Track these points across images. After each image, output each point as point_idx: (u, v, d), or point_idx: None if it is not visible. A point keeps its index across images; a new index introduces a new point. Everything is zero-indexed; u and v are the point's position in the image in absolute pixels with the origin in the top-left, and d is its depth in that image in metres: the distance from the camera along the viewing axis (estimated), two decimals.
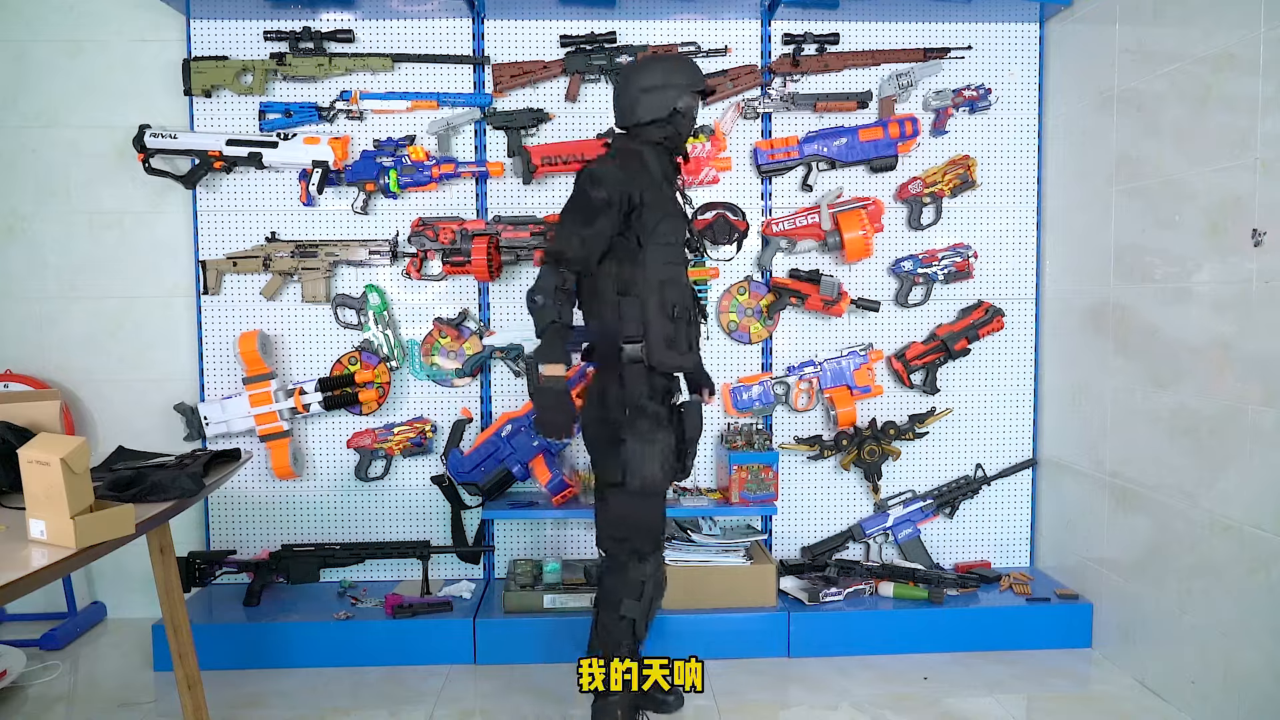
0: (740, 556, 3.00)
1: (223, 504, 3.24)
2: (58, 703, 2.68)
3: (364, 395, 3.11)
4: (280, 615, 2.95)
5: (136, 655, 2.97)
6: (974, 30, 3.26)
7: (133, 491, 1.90)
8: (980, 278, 3.30)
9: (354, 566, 3.17)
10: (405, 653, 2.88)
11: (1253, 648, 2.30)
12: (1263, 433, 2.26)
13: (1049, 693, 2.72)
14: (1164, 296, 2.62)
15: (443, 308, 3.23)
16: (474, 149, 3.21)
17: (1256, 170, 2.26)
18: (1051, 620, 3.00)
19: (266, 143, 3.09)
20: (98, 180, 3.19)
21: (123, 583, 3.30)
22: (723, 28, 3.22)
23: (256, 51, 3.15)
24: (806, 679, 2.80)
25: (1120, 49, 2.82)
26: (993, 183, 3.30)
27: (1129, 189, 2.78)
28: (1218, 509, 2.41)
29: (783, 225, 3.20)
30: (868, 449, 3.23)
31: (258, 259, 3.13)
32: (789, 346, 3.30)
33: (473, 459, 3.12)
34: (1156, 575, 2.67)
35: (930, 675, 2.81)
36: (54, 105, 3.17)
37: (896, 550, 3.32)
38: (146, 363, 3.24)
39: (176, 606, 2.20)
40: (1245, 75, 2.29)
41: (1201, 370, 2.47)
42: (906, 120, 3.16)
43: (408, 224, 3.19)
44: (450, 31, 3.18)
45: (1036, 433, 3.36)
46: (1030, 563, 3.40)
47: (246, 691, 2.70)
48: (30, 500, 1.66)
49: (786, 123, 3.25)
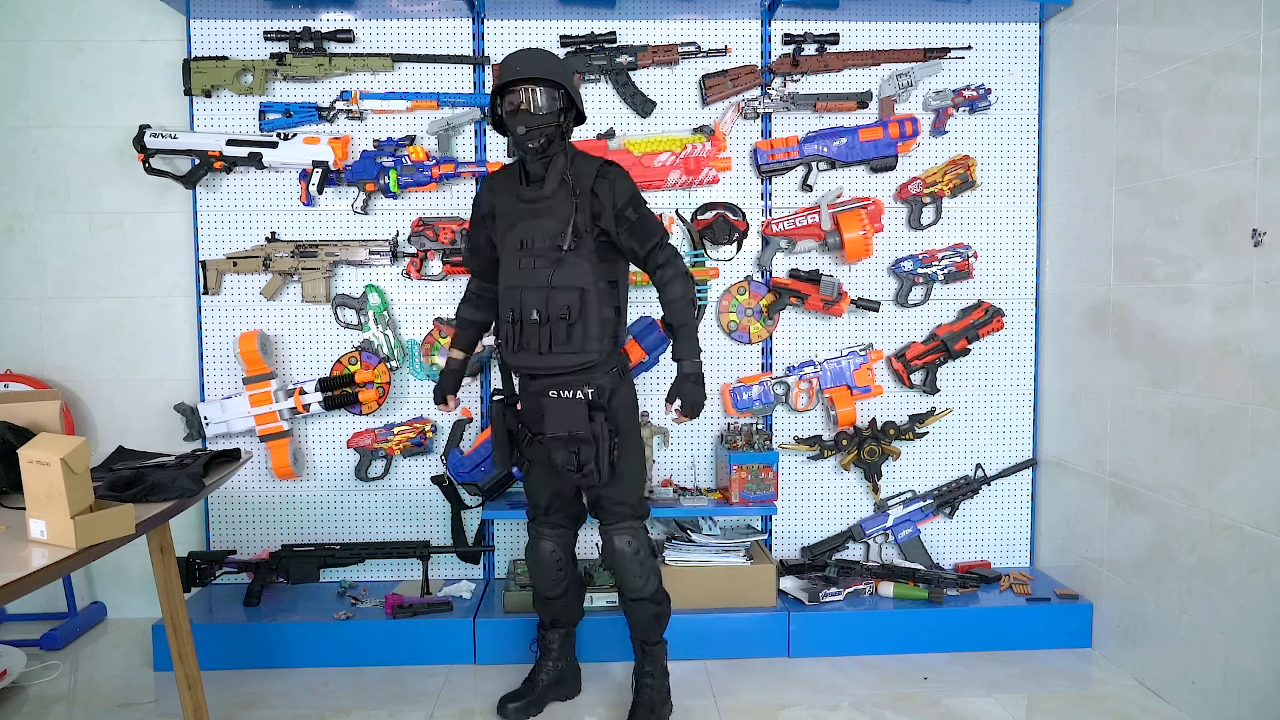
0: (740, 556, 3.00)
1: (223, 504, 3.24)
2: (58, 703, 2.68)
3: (364, 395, 3.11)
4: (280, 615, 2.95)
5: (136, 655, 2.97)
6: (974, 30, 3.26)
7: (133, 491, 1.90)
8: (980, 278, 3.30)
9: (354, 566, 3.17)
10: (405, 653, 2.88)
11: (1253, 648, 2.30)
12: (1263, 433, 2.26)
13: (1049, 693, 2.72)
14: (1164, 296, 2.62)
15: (443, 308, 3.23)
16: (474, 149, 3.21)
17: (1256, 170, 2.26)
18: (1051, 620, 3.00)
19: (266, 143, 3.09)
20: (98, 180, 3.19)
21: (123, 583, 3.30)
22: (723, 28, 3.22)
23: (256, 51, 3.15)
24: (806, 679, 2.80)
25: (1120, 49, 2.82)
26: (993, 183, 3.30)
27: (1129, 189, 2.78)
28: (1218, 509, 2.41)
29: (783, 225, 3.20)
30: (868, 449, 3.23)
31: (258, 259, 3.13)
32: (789, 346, 3.30)
33: (473, 459, 3.12)
34: (1156, 575, 2.67)
35: (930, 675, 2.81)
36: (54, 105, 3.17)
37: (896, 550, 3.32)
38: (146, 363, 3.25)
39: (176, 606, 2.20)
40: (1245, 75, 2.29)
41: (1201, 370, 2.47)
42: (906, 120, 3.16)
43: (408, 224, 3.19)
44: (450, 31, 3.19)
45: (1036, 433, 3.36)
46: (1030, 563, 3.40)
47: (246, 691, 2.70)
48: (30, 500, 1.66)
49: (786, 123, 3.25)
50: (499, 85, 2.32)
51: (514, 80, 2.30)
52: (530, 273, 2.33)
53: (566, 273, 2.31)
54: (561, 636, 2.65)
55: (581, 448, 2.35)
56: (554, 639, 2.64)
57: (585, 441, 2.34)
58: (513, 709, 2.52)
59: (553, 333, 2.32)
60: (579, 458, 2.35)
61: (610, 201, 2.35)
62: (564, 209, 2.33)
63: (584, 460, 2.35)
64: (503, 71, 2.32)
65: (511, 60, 2.33)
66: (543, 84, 2.31)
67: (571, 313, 2.31)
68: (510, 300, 2.37)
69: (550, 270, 2.32)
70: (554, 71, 2.32)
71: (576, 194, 2.33)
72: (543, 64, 2.32)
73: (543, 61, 2.33)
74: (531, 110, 2.30)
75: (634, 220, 2.36)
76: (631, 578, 2.45)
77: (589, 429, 2.34)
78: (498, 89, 2.34)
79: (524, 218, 2.36)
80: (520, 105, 2.30)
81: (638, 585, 2.46)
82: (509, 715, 2.52)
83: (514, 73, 2.30)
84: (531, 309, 2.33)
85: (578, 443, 2.34)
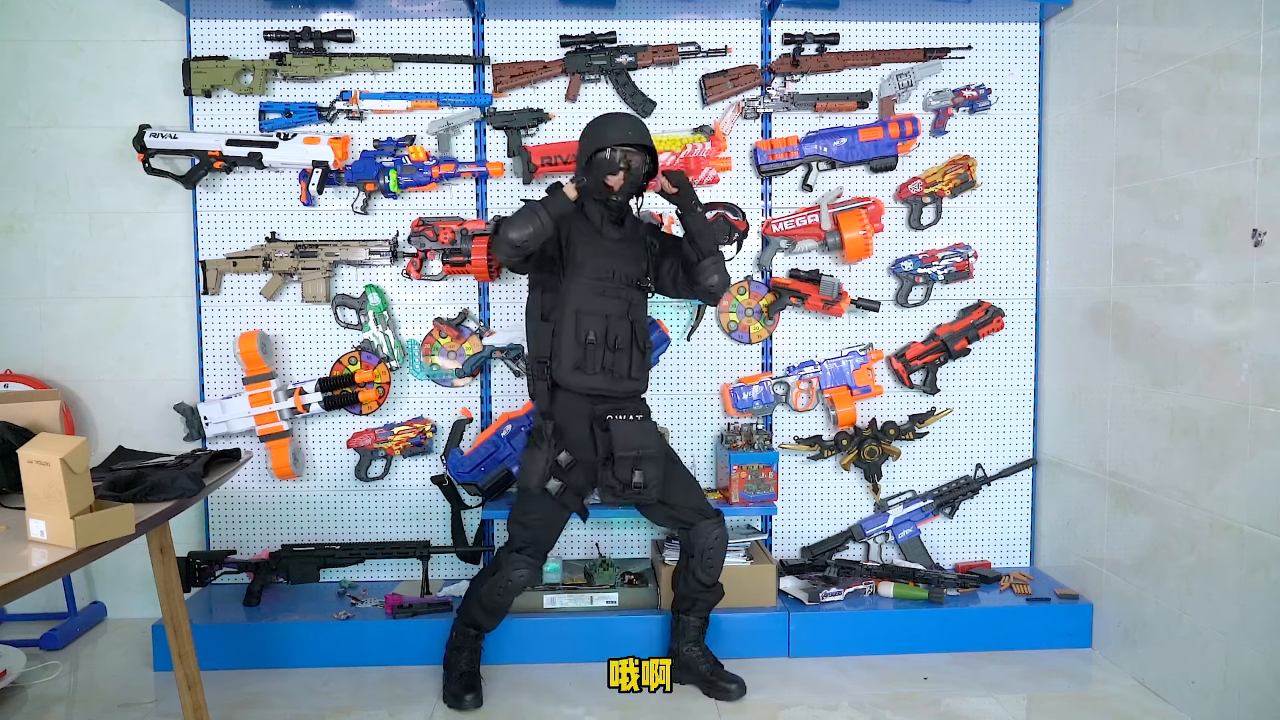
0: (740, 556, 3.00)
1: (223, 504, 3.24)
2: (58, 703, 2.67)
3: (364, 395, 3.11)
4: (280, 615, 2.95)
5: (136, 655, 2.97)
6: (974, 30, 3.26)
7: (133, 491, 1.90)
8: (980, 278, 3.30)
9: (354, 566, 3.17)
10: (405, 653, 2.88)
11: (1253, 648, 2.30)
12: (1263, 433, 2.26)
13: (1049, 693, 2.71)
14: (1164, 296, 2.62)
15: (443, 308, 3.23)
16: (474, 149, 3.21)
17: (1256, 170, 2.26)
18: (1051, 620, 3.00)
19: (266, 143, 3.09)
20: (98, 180, 3.19)
21: (123, 583, 3.30)
22: (723, 28, 3.22)
23: (256, 51, 3.15)
24: (806, 679, 2.80)
25: (1120, 49, 2.82)
26: (993, 183, 3.30)
27: (1129, 189, 2.78)
28: (1218, 509, 2.41)
29: (783, 225, 3.20)
30: (868, 449, 3.23)
31: (258, 259, 3.13)
32: (789, 346, 3.30)
33: (473, 459, 3.12)
34: (1156, 575, 2.67)
35: (930, 675, 2.81)
36: (54, 105, 3.17)
37: (896, 550, 3.32)
38: (146, 363, 3.25)
39: (176, 606, 2.20)
40: (1245, 75, 2.29)
41: (1201, 370, 2.47)
42: (906, 120, 3.16)
43: (408, 224, 3.19)
44: (450, 31, 3.18)
45: (1036, 433, 3.36)
46: (1030, 563, 3.40)
47: (246, 691, 2.70)
48: (30, 500, 1.66)
49: (786, 123, 3.25)
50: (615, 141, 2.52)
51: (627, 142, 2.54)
52: (614, 302, 2.58)
53: (641, 308, 2.66)
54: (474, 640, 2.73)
55: (647, 466, 2.54)
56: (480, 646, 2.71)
57: (652, 459, 2.55)
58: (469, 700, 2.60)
59: (631, 359, 2.58)
60: (645, 476, 2.53)
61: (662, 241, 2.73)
62: (640, 253, 2.66)
63: (650, 479, 2.54)
64: (609, 131, 2.54)
65: (618, 121, 2.57)
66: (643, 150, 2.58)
67: (643, 343, 2.62)
68: (589, 324, 2.54)
69: (626, 304, 2.59)
70: (649, 139, 2.59)
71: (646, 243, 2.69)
72: (643, 130, 2.59)
73: (642, 128, 2.60)
74: (629, 170, 2.56)
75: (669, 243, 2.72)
76: (717, 566, 2.67)
77: (660, 446, 2.59)
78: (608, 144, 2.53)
79: (604, 252, 2.60)
80: (630, 165, 2.55)
81: (716, 573, 2.68)
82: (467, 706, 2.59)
83: (625, 137, 2.54)
84: (615, 336, 2.55)
85: (644, 462, 2.53)
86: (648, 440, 2.55)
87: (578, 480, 2.61)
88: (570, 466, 2.57)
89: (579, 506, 2.68)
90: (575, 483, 2.61)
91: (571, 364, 2.53)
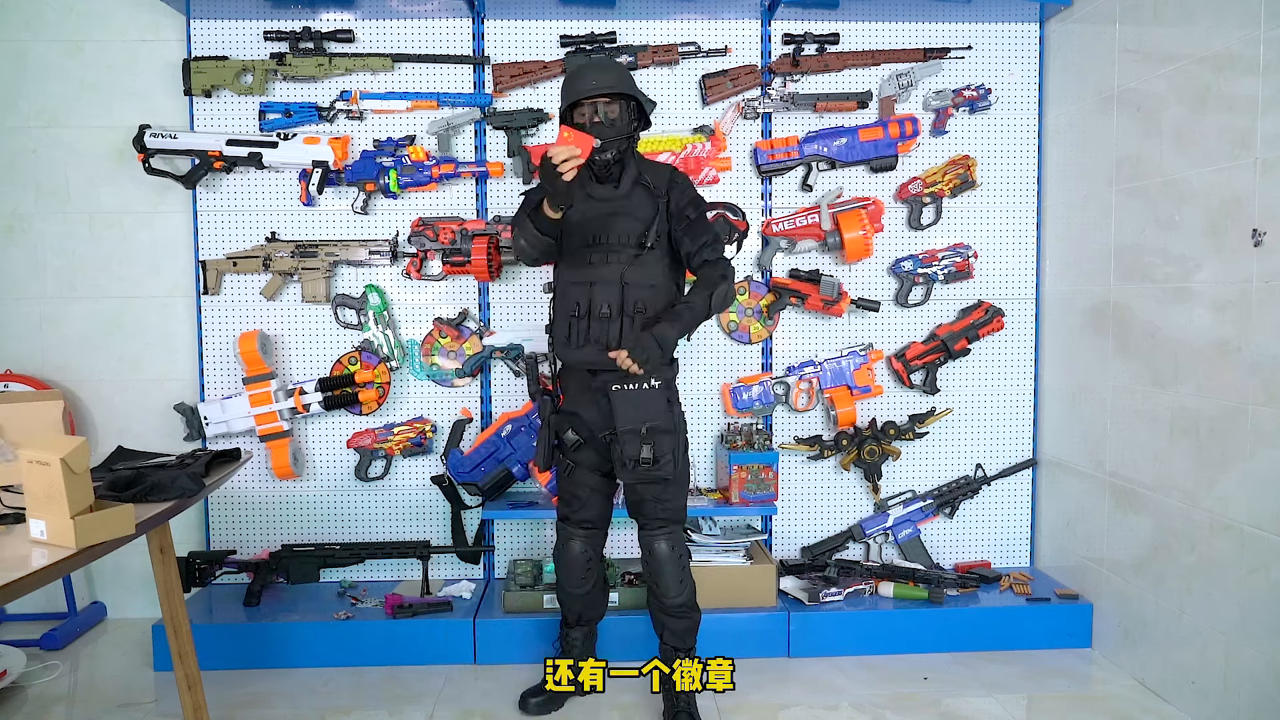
0: (740, 556, 3.00)
1: (223, 504, 3.24)
2: (58, 703, 2.68)
3: (364, 395, 3.11)
4: (280, 615, 2.95)
5: (136, 655, 2.97)
6: (974, 30, 3.26)
7: (133, 491, 1.90)
8: (980, 278, 3.30)
9: (354, 566, 3.17)
10: (405, 653, 2.88)
11: (1253, 648, 2.30)
12: (1263, 433, 2.26)
13: (1049, 693, 2.72)
14: (1164, 296, 2.62)
15: (443, 308, 3.23)
16: (474, 149, 3.21)
17: (1256, 170, 2.26)
18: (1051, 620, 3.00)
19: (266, 143, 3.09)
20: (98, 180, 3.19)
21: (123, 583, 3.30)
22: (723, 28, 3.22)
23: (256, 51, 3.15)
24: (806, 679, 2.80)
25: (1120, 49, 2.82)
26: (993, 183, 3.30)
27: (1129, 189, 2.78)
28: (1218, 509, 2.41)
29: (783, 225, 3.20)
30: (868, 449, 3.23)
31: (258, 259, 3.13)
32: (789, 346, 3.30)
33: (473, 459, 3.12)
34: (1156, 575, 2.67)
35: (930, 675, 2.81)
36: (54, 105, 3.17)
37: (896, 550, 3.32)
38: (146, 363, 3.24)
39: (176, 606, 2.20)
40: (1245, 75, 2.29)
41: (1201, 370, 2.47)
42: (906, 120, 3.16)
43: (408, 224, 3.19)
44: (450, 31, 3.18)
45: (1036, 433, 3.36)
46: (1030, 563, 3.40)
47: (246, 691, 2.70)
48: (30, 500, 1.66)
49: (786, 123, 3.25)
50: (572, 101, 2.33)
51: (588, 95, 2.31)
52: (602, 268, 2.36)
53: (641, 270, 2.36)
54: (584, 635, 2.66)
55: (658, 439, 2.32)
56: (577, 636, 2.65)
57: (665, 432, 2.33)
58: (534, 704, 2.54)
59: (622, 328, 2.34)
60: (655, 450, 2.31)
61: (678, 203, 2.41)
62: (642, 209, 2.39)
63: (661, 453, 2.32)
64: (575, 85, 2.34)
65: (582, 73, 2.36)
66: (618, 97, 2.35)
67: (647, 308, 2.35)
68: (577, 294, 2.37)
69: (623, 267, 2.36)
70: (624, 83, 2.36)
71: (657, 196, 2.40)
72: (613, 76, 2.35)
73: (612, 73, 2.36)
74: (604, 123, 2.33)
75: (692, 219, 2.42)
76: (672, 582, 2.44)
77: (669, 418, 2.36)
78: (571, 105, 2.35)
79: (594, 214, 2.39)
80: (595, 119, 2.33)
81: (675, 590, 2.45)
82: (531, 710, 2.54)
83: (589, 87, 2.32)
84: (602, 304, 2.34)
85: (655, 435, 2.32)
86: (651, 410, 2.32)
87: (589, 459, 2.47)
88: (577, 446, 2.45)
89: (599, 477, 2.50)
90: (588, 461, 2.47)
91: (563, 337, 2.40)
